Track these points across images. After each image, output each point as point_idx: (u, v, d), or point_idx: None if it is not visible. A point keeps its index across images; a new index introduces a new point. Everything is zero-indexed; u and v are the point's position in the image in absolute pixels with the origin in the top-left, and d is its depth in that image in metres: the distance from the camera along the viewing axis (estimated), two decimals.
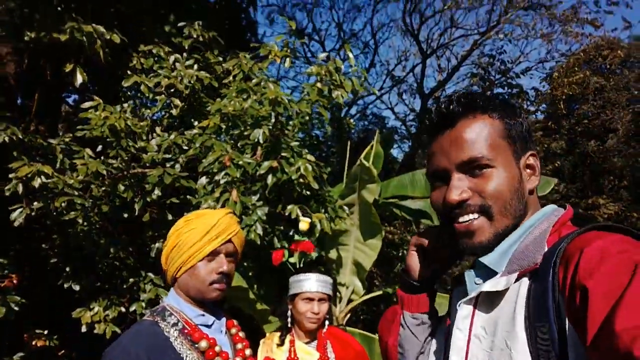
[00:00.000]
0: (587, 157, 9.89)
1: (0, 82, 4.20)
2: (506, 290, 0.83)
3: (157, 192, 3.70)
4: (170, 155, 3.90)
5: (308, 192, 3.34)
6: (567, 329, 0.72)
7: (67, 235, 3.85)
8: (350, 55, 3.56)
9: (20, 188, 3.21)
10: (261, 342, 2.39)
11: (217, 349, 1.46)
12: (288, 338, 2.29)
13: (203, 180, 3.73)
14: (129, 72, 4.05)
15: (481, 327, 0.85)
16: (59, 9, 3.63)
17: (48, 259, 3.88)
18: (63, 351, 4.43)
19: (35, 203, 3.39)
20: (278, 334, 2.35)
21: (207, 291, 1.48)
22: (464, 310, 0.90)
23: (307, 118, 3.48)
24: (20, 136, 3.31)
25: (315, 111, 3.57)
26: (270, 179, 3.16)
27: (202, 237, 1.46)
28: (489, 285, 0.85)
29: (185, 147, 3.82)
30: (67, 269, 3.85)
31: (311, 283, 2.23)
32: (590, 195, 9.69)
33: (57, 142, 3.67)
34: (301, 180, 3.16)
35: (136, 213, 3.76)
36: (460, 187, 0.87)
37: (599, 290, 0.66)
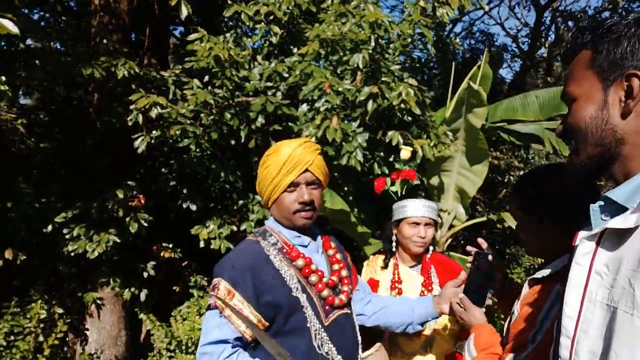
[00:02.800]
0: None
1: (116, 19, 4.47)
2: (636, 228, 0.76)
3: (260, 119, 3.84)
4: (271, 84, 3.98)
5: (410, 118, 3.25)
6: None
7: (182, 160, 4.19)
8: None
9: (140, 118, 3.50)
10: (365, 264, 2.47)
11: (313, 267, 1.57)
12: (392, 261, 2.34)
13: (304, 107, 3.78)
14: (229, 1, 4.09)
15: (604, 265, 0.81)
16: None
17: (168, 182, 4.27)
18: (186, 262, 4.98)
19: (153, 132, 3.69)
20: (382, 256, 2.41)
21: (293, 219, 1.58)
22: (585, 246, 0.86)
23: (408, 40, 3.30)
24: (137, 70, 3.54)
25: (417, 32, 3.37)
26: (370, 105, 3.11)
27: (277, 172, 1.54)
28: (617, 222, 0.79)
29: (286, 75, 3.86)
30: (184, 191, 4.22)
31: (417, 208, 2.22)
32: None
33: (169, 75, 3.89)
34: (402, 105, 3.07)
35: (242, 140, 3.95)
36: (564, 122, 0.95)
37: None
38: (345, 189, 4.25)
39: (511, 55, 12.28)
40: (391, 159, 3.40)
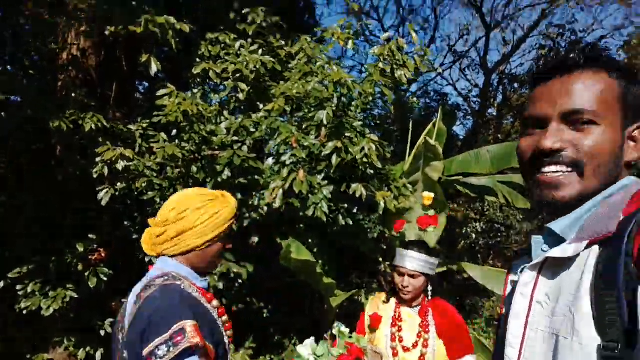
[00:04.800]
0: None
1: (83, 74, 4.53)
2: (573, 257, 0.81)
3: (227, 172, 3.91)
4: (238, 138, 4.09)
5: (371, 171, 3.41)
6: (638, 300, 0.70)
7: (147, 213, 4.16)
8: (414, 34, 3.55)
9: (105, 170, 3.50)
10: (370, 299, 2.65)
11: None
12: (393, 300, 2.50)
13: (270, 161, 3.89)
14: (197, 59, 4.25)
15: (544, 294, 0.84)
16: (133, 3, 3.86)
17: (131, 234, 4.22)
18: None
19: (118, 184, 3.69)
20: (384, 294, 2.59)
21: (216, 264, 1.57)
22: (527, 275, 0.88)
23: (369, 98, 3.52)
24: (105, 123, 3.58)
25: (378, 91, 3.60)
26: (334, 159, 3.26)
27: (225, 222, 1.50)
28: (557, 251, 0.83)
29: (252, 130, 3.99)
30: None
31: (404, 258, 2.37)
32: None
33: (136, 128, 3.94)
34: (365, 159, 3.23)
35: None
36: (558, 136, 0.83)
37: None
38: (310, 240, 4.32)
39: (464, 114, 13.00)
40: (355, 210, 3.51)
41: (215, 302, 1.51)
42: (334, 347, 2.23)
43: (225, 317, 1.53)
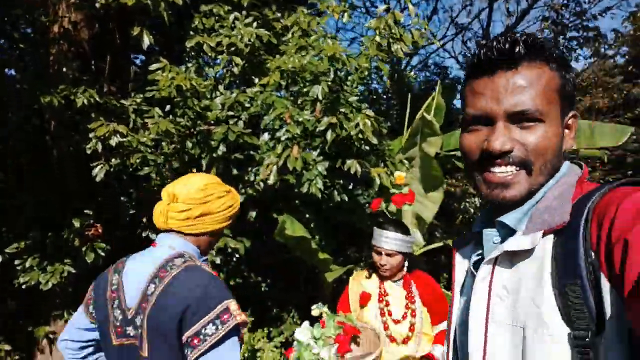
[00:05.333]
0: None
1: (75, 47, 4.45)
2: (531, 249, 0.81)
3: (222, 148, 3.88)
4: (233, 113, 4.04)
5: (367, 147, 3.38)
6: (602, 287, 0.70)
7: (142, 189, 4.16)
8: (410, 6, 3.46)
9: (99, 146, 3.48)
10: (350, 278, 2.74)
11: None
12: (375, 276, 2.62)
13: (265, 136, 3.86)
14: (191, 32, 4.17)
15: (502, 287, 0.84)
16: None
17: (127, 210, 4.22)
18: None
19: (113, 160, 3.67)
20: (365, 271, 2.70)
21: (210, 250, 1.65)
22: (483, 270, 0.88)
23: (365, 73, 3.46)
24: (97, 98, 3.54)
25: (374, 65, 3.54)
26: (329, 135, 3.22)
27: (234, 214, 1.60)
28: (514, 244, 0.82)
29: (247, 105, 3.94)
30: (144, 220, 4.18)
31: (380, 238, 2.47)
32: None
33: (129, 103, 3.90)
34: (360, 135, 3.20)
35: (203, 168, 3.97)
36: (506, 135, 0.82)
37: (638, 241, 0.65)
38: (307, 216, 4.32)
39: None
40: (350, 187, 3.50)
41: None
42: (323, 328, 2.26)
43: None
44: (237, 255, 4.50)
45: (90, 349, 1.57)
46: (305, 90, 3.46)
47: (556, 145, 0.84)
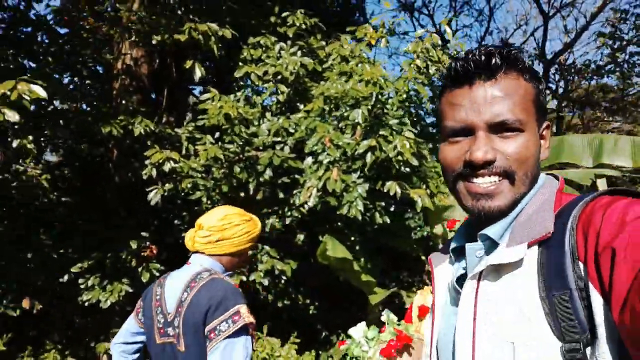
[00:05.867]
0: None
1: (137, 81, 4.83)
2: (516, 262, 0.79)
3: (268, 172, 4.04)
4: (280, 139, 4.21)
5: (407, 169, 3.40)
6: (592, 297, 0.69)
7: (194, 212, 4.38)
8: (448, 29, 3.50)
9: (154, 172, 3.73)
10: (418, 292, 2.76)
11: None
12: None
13: (309, 160, 3.98)
14: (240, 63, 4.41)
15: (488, 301, 0.81)
16: (179, 12, 4.07)
17: (180, 232, 4.45)
18: None
19: (167, 185, 3.91)
20: (432, 287, 2.69)
21: (237, 269, 1.97)
22: (469, 285, 0.85)
23: (403, 96, 3.52)
24: (152, 127, 3.80)
25: (413, 88, 3.59)
26: (369, 157, 3.28)
27: (256, 237, 1.88)
28: (499, 257, 0.80)
29: (292, 130, 4.09)
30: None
31: None
32: None
33: (182, 131, 4.15)
34: (399, 157, 3.23)
35: (251, 192, 4.14)
36: (488, 145, 0.81)
37: (626, 252, 0.64)
38: (352, 238, 4.36)
39: None
40: (392, 209, 3.52)
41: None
42: (382, 333, 2.34)
43: None
44: (284, 278, 4.59)
45: (138, 352, 1.90)
46: (346, 114, 3.56)
47: (536, 155, 0.84)
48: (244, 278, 4.37)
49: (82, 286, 4.09)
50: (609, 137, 4.28)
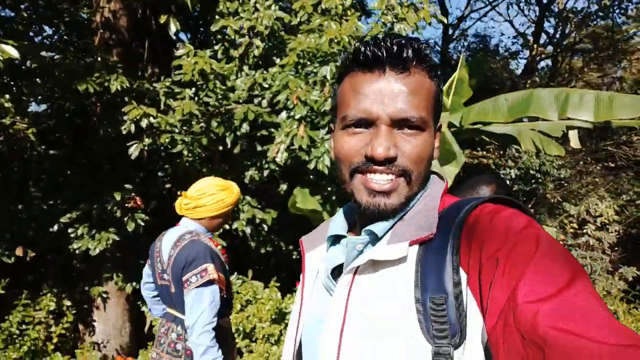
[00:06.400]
0: None
1: (116, 34, 4.86)
2: (399, 259, 0.78)
3: (245, 126, 4.16)
4: (257, 92, 4.29)
5: None
6: (467, 303, 0.71)
7: (176, 164, 4.55)
8: None
9: (132, 128, 3.87)
10: None
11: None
12: None
13: (283, 114, 4.09)
14: (217, 16, 4.42)
15: (361, 297, 0.80)
16: None
17: (164, 184, 4.65)
18: None
19: (146, 139, 4.05)
20: None
21: (218, 229, 2.35)
22: (344, 279, 0.84)
23: None
24: (128, 84, 3.90)
25: None
26: None
27: (233, 203, 2.29)
28: (380, 254, 0.79)
29: (266, 85, 4.17)
30: (179, 192, 4.58)
31: None
32: None
33: (160, 86, 4.25)
34: None
35: (228, 146, 4.29)
36: (390, 142, 0.79)
37: (507, 266, 0.66)
38: (329, 189, 4.55)
39: (510, 54, 12.31)
40: None
41: (219, 247, 2.32)
42: None
43: (224, 255, 2.36)
44: (264, 226, 4.83)
45: (155, 291, 2.38)
46: (315, 70, 3.64)
47: (431, 155, 0.84)
48: (226, 226, 4.60)
49: (72, 235, 4.34)
50: (574, 92, 4.36)
